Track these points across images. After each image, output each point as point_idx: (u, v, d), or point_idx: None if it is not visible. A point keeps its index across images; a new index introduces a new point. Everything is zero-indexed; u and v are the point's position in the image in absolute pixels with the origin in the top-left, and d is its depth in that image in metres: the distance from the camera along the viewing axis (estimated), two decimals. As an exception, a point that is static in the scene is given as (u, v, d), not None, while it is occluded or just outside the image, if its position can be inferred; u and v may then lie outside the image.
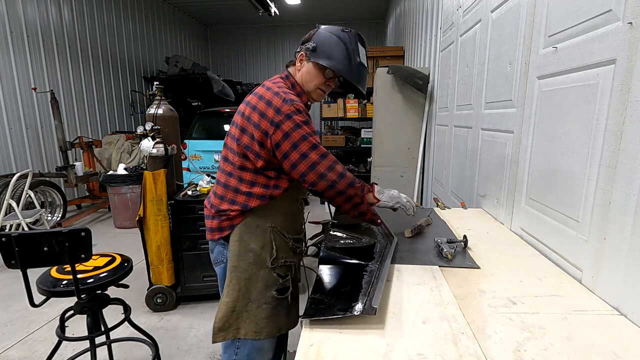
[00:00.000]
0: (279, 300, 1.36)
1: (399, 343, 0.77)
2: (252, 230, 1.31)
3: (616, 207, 0.94)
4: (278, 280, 1.35)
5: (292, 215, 1.41)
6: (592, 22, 1.05)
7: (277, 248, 1.33)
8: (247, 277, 1.32)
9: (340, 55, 1.28)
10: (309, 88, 1.35)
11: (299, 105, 1.23)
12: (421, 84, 3.38)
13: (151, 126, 2.49)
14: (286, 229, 1.37)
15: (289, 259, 1.38)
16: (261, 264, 1.32)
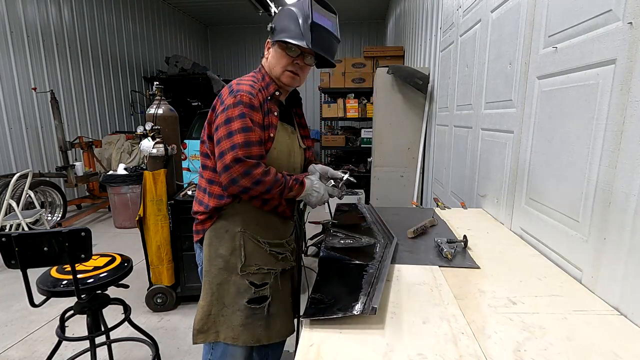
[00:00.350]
0: (253, 310, 1.28)
1: (399, 343, 0.77)
2: (221, 234, 1.27)
3: (616, 207, 0.94)
4: (250, 289, 1.28)
5: (266, 219, 1.32)
6: (592, 22, 1.05)
7: (246, 254, 1.27)
8: (219, 282, 1.28)
9: (292, 23, 1.18)
10: (277, 73, 1.26)
11: (243, 96, 1.17)
12: (421, 84, 3.38)
13: (151, 126, 2.49)
14: (260, 234, 1.30)
15: (266, 266, 1.30)
16: (231, 270, 1.27)
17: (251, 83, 1.22)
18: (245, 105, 1.16)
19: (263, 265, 1.30)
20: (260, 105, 1.21)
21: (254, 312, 1.28)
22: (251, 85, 1.22)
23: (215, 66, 10.50)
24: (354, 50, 9.69)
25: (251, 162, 1.14)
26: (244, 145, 1.13)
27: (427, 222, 1.54)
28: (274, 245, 1.33)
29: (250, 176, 1.13)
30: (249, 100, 1.17)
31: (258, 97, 1.20)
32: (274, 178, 1.18)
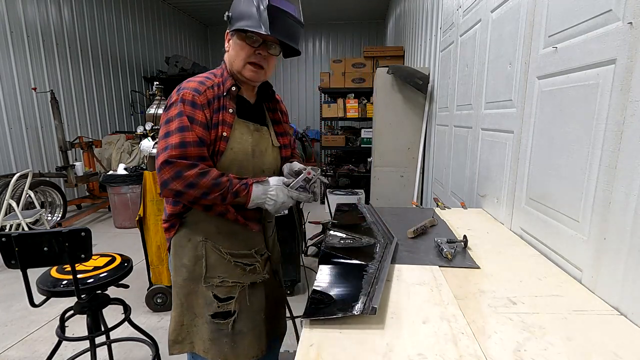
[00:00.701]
0: (217, 325, 1.20)
1: (399, 343, 0.77)
2: (184, 243, 1.21)
3: (616, 207, 0.94)
4: (214, 303, 1.20)
5: (230, 227, 1.21)
6: (592, 22, 1.05)
7: (208, 265, 1.20)
8: (187, 293, 1.22)
9: (250, 9, 1.08)
10: (238, 66, 1.16)
11: (185, 94, 1.10)
12: (421, 84, 3.38)
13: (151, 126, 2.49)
14: (222, 244, 1.21)
15: (231, 279, 1.21)
16: (196, 280, 1.21)
17: (202, 80, 1.15)
18: (186, 104, 1.09)
19: (227, 278, 1.21)
20: (208, 102, 1.12)
21: (218, 328, 1.20)
22: (201, 82, 1.14)
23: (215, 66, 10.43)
24: (354, 50, 9.69)
25: (183, 162, 1.04)
26: (177, 146, 1.05)
27: (427, 222, 1.54)
28: (239, 256, 1.23)
29: (181, 179, 1.04)
30: (192, 98, 1.10)
31: (207, 94, 1.12)
32: (213, 181, 1.07)
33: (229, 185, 1.08)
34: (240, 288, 1.23)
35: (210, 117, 1.12)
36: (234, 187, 1.09)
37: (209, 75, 1.19)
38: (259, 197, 1.12)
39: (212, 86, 1.15)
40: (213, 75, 1.19)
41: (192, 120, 1.08)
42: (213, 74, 1.20)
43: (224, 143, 1.14)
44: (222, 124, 1.14)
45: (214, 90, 1.15)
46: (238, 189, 1.10)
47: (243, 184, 1.11)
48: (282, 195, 1.14)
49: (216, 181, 1.07)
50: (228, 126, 1.15)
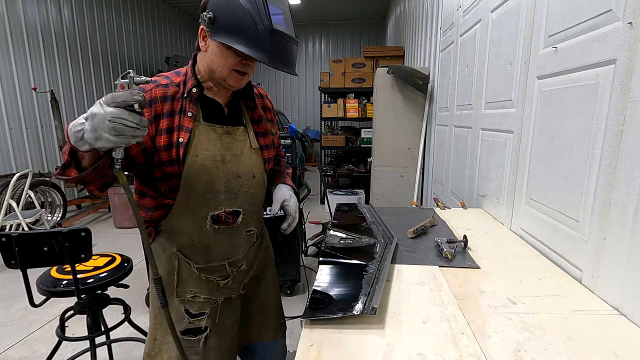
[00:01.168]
0: (188, 342, 1.13)
1: (399, 343, 0.77)
2: (159, 254, 1.13)
3: (616, 207, 0.94)
4: (185, 318, 1.13)
5: (205, 241, 1.11)
6: (592, 22, 1.05)
7: (180, 279, 1.13)
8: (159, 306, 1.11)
9: (241, 25, 0.92)
10: (221, 73, 1.02)
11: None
12: (421, 84, 3.38)
13: (151, 126, 2.48)
14: (195, 258, 1.12)
15: (202, 294, 1.14)
16: (170, 294, 1.12)
17: (156, 79, 1.05)
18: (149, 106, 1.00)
19: (199, 293, 1.14)
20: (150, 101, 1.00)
21: (189, 345, 1.13)
22: (154, 80, 1.04)
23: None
24: (354, 50, 9.69)
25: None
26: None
27: (427, 222, 1.54)
28: (211, 270, 1.14)
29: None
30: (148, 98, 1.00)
31: (153, 93, 1.01)
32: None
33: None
34: (213, 304, 1.16)
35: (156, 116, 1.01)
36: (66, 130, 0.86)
37: (169, 74, 1.09)
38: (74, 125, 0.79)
39: (167, 85, 1.04)
40: (175, 74, 1.09)
41: None
42: (176, 72, 1.10)
43: (182, 149, 1.02)
44: (178, 129, 1.02)
45: (167, 89, 1.03)
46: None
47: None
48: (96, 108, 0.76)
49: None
50: (186, 131, 1.03)
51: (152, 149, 1.02)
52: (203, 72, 1.06)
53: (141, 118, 0.78)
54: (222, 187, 1.09)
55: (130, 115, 0.76)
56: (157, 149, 1.02)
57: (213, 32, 0.98)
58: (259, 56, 0.94)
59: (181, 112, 1.04)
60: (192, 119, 1.05)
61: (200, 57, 1.07)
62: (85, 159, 0.86)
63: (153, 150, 1.02)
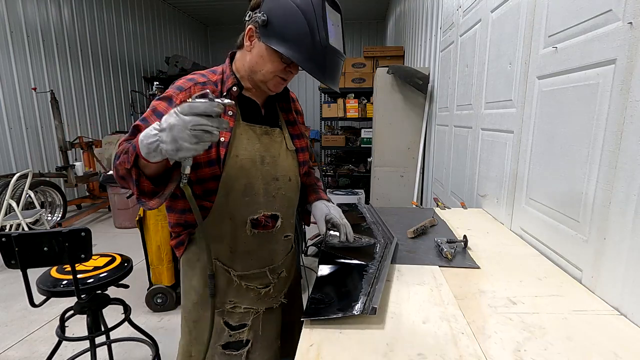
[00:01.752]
0: (229, 357, 1.07)
1: (399, 343, 0.77)
2: (193, 264, 1.08)
3: (616, 207, 0.94)
4: (225, 331, 1.07)
5: (239, 244, 1.06)
6: (592, 22, 1.05)
7: (218, 288, 1.05)
8: (195, 319, 1.09)
9: (297, 34, 0.89)
10: (264, 77, 0.99)
11: (167, 91, 0.98)
12: (421, 84, 3.38)
13: (151, 126, 2.48)
14: (234, 266, 1.07)
15: (243, 304, 1.08)
16: (206, 306, 1.06)
17: (192, 77, 1.02)
18: (163, 100, 0.96)
19: (239, 303, 1.08)
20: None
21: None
22: (190, 79, 1.01)
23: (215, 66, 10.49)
24: (354, 50, 9.69)
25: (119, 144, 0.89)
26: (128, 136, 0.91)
27: (427, 222, 1.54)
28: (252, 277, 1.09)
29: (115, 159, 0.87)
30: (170, 94, 0.97)
31: (190, 92, 0.97)
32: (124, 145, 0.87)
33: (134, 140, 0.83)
34: (254, 315, 1.09)
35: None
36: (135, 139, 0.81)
37: (205, 72, 1.06)
38: (146, 135, 0.77)
39: (205, 83, 1.00)
40: (211, 72, 1.05)
41: (159, 115, 0.92)
42: (212, 71, 1.06)
43: (223, 149, 0.99)
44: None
45: (205, 87, 0.99)
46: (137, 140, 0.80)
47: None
48: (173, 118, 0.73)
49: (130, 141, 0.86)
50: (227, 130, 0.99)
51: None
52: (242, 71, 1.03)
53: (220, 120, 0.75)
54: (261, 189, 1.04)
55: (209, 119, 0.74)
56: None
57: (264, 35, 0.92)
58: (312, 69, 0.91)
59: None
60: (232, 117, 1.01)
61: (241, 56, 1.03)
62: (148, 169, 0.83)
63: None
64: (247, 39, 0.98)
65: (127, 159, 0.81)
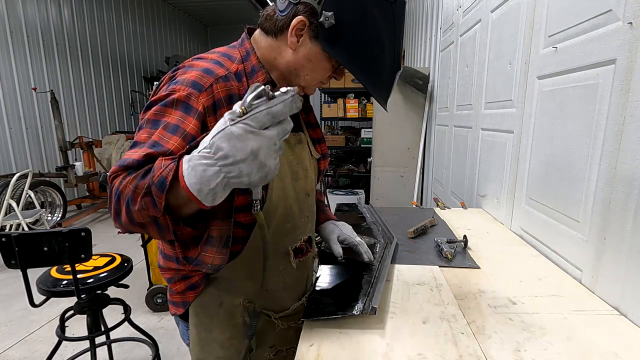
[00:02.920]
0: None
1: (399, 343, 0.77)
2: (213, 311, 0.85)
3: (616, 207, 0.94)
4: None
5: (277, 280, 0.88)
6: (592, 22, 1.05)
7: (258, 336, 0.86)
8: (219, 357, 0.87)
9: (370, 50, 0.73)
10: (305, 81, 0.80)
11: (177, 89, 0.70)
12: (421, 84, 3.38)
13: (151, 126, 2.48)
14: (272, 305, 0.89)
15: (285, 346, 0.92)
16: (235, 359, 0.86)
17: (209, 67, 0.74)
18: (175, 106, 0.69)
19: (281, 346, 0.92)
20: (213, 105, 0.71)
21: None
22: (206, 69, 0.73)
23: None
24: (354, 50, 9.67)
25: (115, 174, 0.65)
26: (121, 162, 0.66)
27: (427, 222, 1.54)
28: (293, 316, 0.92)
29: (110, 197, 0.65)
30: (185, 97, 0.69)
31: (213, 92, 0.71)
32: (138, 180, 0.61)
33: (151, 175, 0.58)
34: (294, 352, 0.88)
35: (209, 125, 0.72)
36: (155, 174, 0.57)
37: (220, 58, 0.78)
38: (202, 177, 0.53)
39: (226, 77, 0.74)
40: (227, 58, 0.78)
41: (175, 131, 0.67)
42: (227, 56, 0.79)
43: None
44: None
45: (229, 85, 0.74)
46: (162, 174, 0.57)
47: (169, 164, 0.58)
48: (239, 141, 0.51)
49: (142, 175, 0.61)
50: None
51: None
52: (272, 64, 0.81)
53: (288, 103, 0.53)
54: (296, 210, 0.87)
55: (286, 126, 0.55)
56: None
57: (326, 40, 0.72)
58: (379, 95, 0.78)
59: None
60: None
61: (270, 45, 0.79)
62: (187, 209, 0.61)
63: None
64: (292, 33, 0.73)
65: (150, 203, 0.58)
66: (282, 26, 0.76)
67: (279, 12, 0.75)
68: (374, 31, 0.72)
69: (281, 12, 0.74)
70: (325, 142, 1.03)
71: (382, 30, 0.72)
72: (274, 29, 0.77)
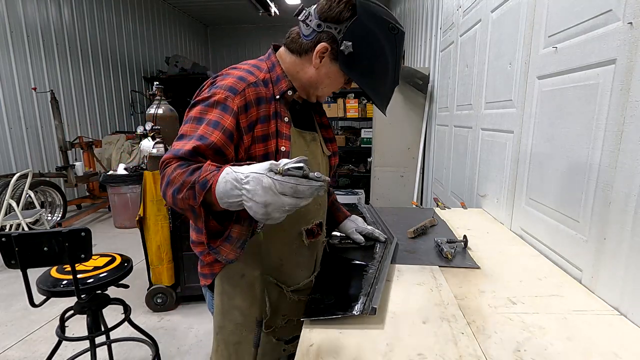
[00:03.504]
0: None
1: (399, 343, 0.77)
2: (236, 281, 0.99)
3: (616, 207, 0.94)
4: (280, 347, 1.04)
5: (291, 256, 1.02)
6: (592, 22, 1.05)
7: (272, 306, 1.00)
8: (237, 342, 1.01)
9: (380, 73, 0.92)
10: (322, 92, 0.98)
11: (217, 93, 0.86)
12: (421, 84, 3.38)
13: (151, 126, 2.49)
14: (285, 278, 1.02)
15: (296, 316, 1.03)
16: (252, 327, 1.00)
17: (242, 75, 0.90)
18: (215, 106, 0.86)
19: (292, 316, 1.04)
20: (245, 105, 0.87)
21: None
22: (240, 77, 0.89)
23: (215, 66, 10.49)
24: (354, 50, 9.67)
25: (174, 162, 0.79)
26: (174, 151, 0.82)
27: (427, 222, 1.54)
28: (303, 289, 1.05)
29: (163, 181, 0.80)
30: (224, 99, 0.85)
31: (245, 95, 0.87)
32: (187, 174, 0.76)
33: (198, 174, 0.74)
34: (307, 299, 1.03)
35: (251, 124, 0.89)
36: (201, 174, 0.73)
37: (251, 68, 0.94)
38: (227, 192, 0.70)
39: (256, 83, 0.90)
40: (256, 68, 0.94)
41: (216, 126, 0.84)
42: (257, 67, 0.95)
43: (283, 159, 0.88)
44: (278, 137, 0.92)
45: (258, 90, 0.90)
46: (206, 177, 0.73)
47: (214, 171, 0.73)
48: (262, 190, 0.67)
49: (191, 174, 0.76)
50: (286, 139, 0.92)
51: (244, 160, 0.89)
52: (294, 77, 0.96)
53: (312, 191, 0.68)
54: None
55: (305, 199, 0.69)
56: (251, 159, 0.90)
57: (345, 64, 0.89)
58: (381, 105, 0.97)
59: (277, 117, 0.93)
60: (288, 124, 0.94)
61: (294, 63, 0.95)
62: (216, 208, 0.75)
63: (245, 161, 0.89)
64: (316, 56, 0.90)
65: (192, 195, 0.74)
66: (307, 49, 0.92)
67: (304, 36, 0.91)
68: (382, 57, 0.90)
69: (306, 36, 0.91)
70: (335, 141, 1.17)
71: (387, 55, 0.90)
72: (299, 50, 0.93)
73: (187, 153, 0.79)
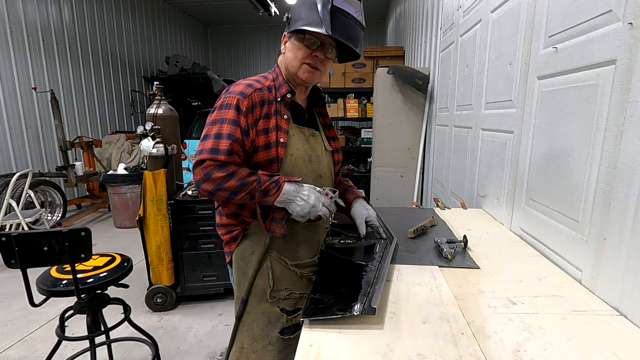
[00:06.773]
0: (287, 342, 1.18)
1: (398, 343, 0.77)
2: (247, 257, 1.19)
3: (616, 207, 0.94)
4: (282, 317, 1.18)
5: (296, 239, 1.21)
6: (592, 22, 1.05)
7: (275, 278, 1.17)
8: (248, 311, 1.19)
9: (310, 10, 1.06)
10: (294, 68, 1.13)
11: (230, 98, 1.09)
12: (421, 84, 3.38)
13: (151, 126, 2.49)
14: (287, 255, 1.20)
15: (298, 290, 1.20)
16: (260, 297, 1.18)
17: (250, 82, 1.13)
18: (230, 108, 1.08)
19: (294, 290, 1.20)
20: (252, 106, 1.09)
21: (288, 345, 1.18)
22: (248, 84, 1.12)
23: (215, 66, 10.50)
24: (354, 50, 9.67)
25: (212, 163, 1.03)
26: (210, 151, 1.04)
27: (427, 222, 1.54)
28: (304, 266, 1.22)
29: (210, 180, 1.03)
30: (237, 102, 1.08)
31: (252, 97, 1.10)
32: (240, 182, 1.04)
33: (256, 184, 1.05)
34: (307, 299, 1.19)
35: (256, 120, 1.10)
36: (262, 185, 1.05)
37: (259, 78, 1.17)
38: (290, 193, 1.06)
39: (261, 89, 1.12)
40: (264, 78, 1.17)
41: (236, 124, 1.07)
42: (264, 77, 1.18)
43: (283, 149, 1.13)
44: (278, 130, 1.13)
45: (262, 94, 1.12)
46: (267, 187, 1.05)
47: (273, 182, 1.06)
48: (314, 197, 1.07)
49: (243, 181, 1.04)
50: (284, 132, 1.14)
51: (250, 151, 1.12)
52: (285, 75, 1.18)
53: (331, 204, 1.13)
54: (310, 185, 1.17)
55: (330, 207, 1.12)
56: (255, 149, 1.12)
57: (288, 30, 1.11)
58: (320, 29, 1.04)
59: (276, 114, 1.14)
60: (287, 121, 1.16)
61: (281, 61, 1.19)
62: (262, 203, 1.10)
63: (251, 152, 1.12)
64: (282, 44, 1.17)
65: (249, 198, 1.06)
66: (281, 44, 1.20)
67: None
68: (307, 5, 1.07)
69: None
70: (338, 140, 1.37)
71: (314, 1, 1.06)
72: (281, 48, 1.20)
73: (225, 153, 1.04)
